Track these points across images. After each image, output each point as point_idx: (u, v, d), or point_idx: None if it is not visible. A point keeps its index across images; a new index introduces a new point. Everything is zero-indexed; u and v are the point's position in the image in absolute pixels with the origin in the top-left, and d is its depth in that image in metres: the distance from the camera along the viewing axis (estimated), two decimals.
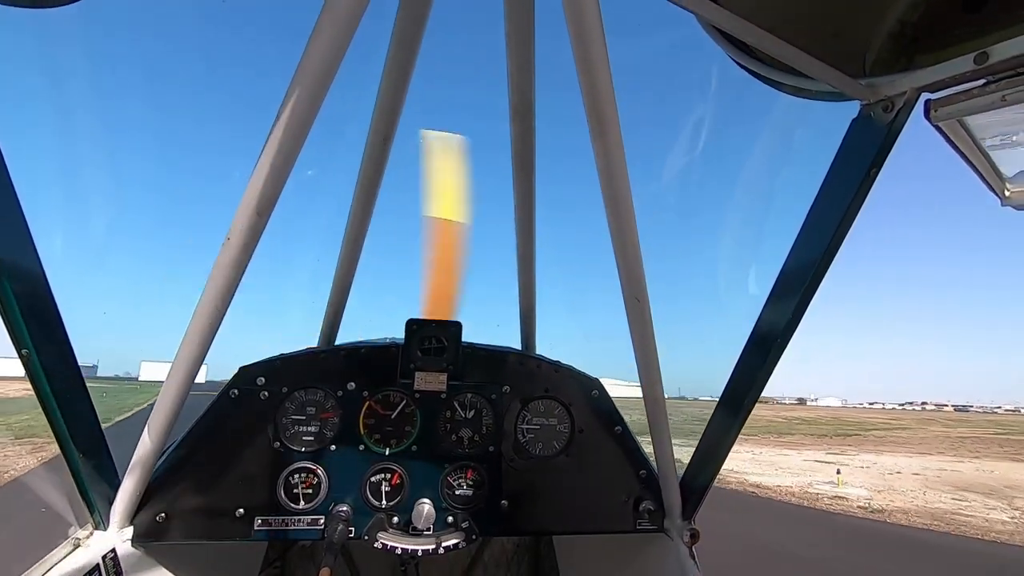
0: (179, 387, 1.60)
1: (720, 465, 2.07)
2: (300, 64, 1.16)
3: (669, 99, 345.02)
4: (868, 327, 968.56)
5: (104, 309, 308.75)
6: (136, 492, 1.75)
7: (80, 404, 1.56)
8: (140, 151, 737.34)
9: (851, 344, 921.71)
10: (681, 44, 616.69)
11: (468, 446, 2.16)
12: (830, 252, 1.63)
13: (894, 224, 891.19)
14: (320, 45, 1.14)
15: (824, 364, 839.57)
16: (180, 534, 1.85)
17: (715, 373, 2.10)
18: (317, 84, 1.18)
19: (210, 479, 1.91)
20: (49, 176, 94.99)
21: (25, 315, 1.33)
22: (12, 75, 13.37)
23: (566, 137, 9.87)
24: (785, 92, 1.73)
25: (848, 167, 1.58)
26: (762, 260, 65.56)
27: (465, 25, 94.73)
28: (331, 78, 1.19)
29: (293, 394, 2.04)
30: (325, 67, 1.16)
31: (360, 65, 1.58)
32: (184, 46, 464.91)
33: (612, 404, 2.32)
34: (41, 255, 1.37)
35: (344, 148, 2.01)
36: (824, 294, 1.68)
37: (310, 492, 1.98)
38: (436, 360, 2.12)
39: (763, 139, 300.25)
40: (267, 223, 1.38)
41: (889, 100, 1.47)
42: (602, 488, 2.23)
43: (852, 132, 1.59)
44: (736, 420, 1.94)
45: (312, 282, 25.16)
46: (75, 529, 1.69)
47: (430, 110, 48.50)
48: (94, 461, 1.64)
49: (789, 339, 1.77)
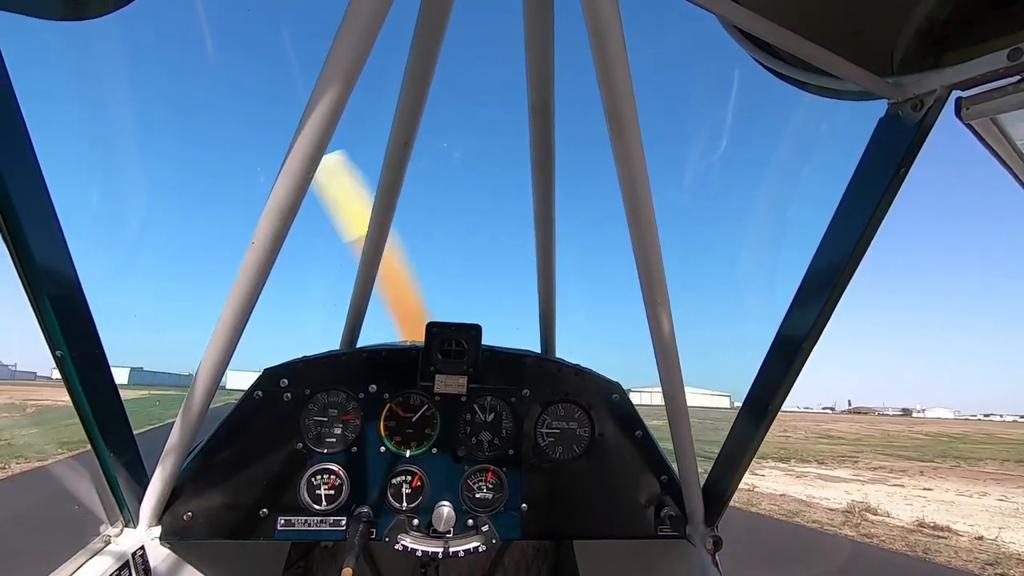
0: (206, 389, 1.64)
1: (744, 471, 2.03)
2: (324, 68, 1.18)
3: (689, 100, 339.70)
4: (985, 326, 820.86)
5: (135, 312, 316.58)
6: (164, 491, 1.80)
7: (111, 405, 1.60)
8: (167, 154, 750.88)
9: (961, 346, 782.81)
10: (702, 44, 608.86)
11: (488, 449, 2.16)
12: (857, 254, 1.59)
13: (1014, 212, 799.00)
14: (343, 49, 1.16)
15: (930, 370, 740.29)
16: (206, 533, 1.89)
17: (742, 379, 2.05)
18: (340, 88, 1.20)
19: (235, 479, 1.95)
20: (80, 179, 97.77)
21: (59, 317, 1.36)
22: (46, 82, 13.97)
23: (588, 141, 9.79)
24: (810, 92, 1.70)
25: (876, 167, 1.55)
26: (786, 263, 64.35)
27: (485, 25, 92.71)
28: (354, 81, 1.21)
29: (316, 396, 2.07)
30: (348, 70, 1.19)
31: (380, 69, 1.60)
32: (210, 52, 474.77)
33: (633, 408, 2.30)
34: (74, 258, 1.41)
35: (366, 151, 2.03)
36: (927, 292, 1.59)
37: (332, 493, 2.00)
38: (456, 363, 2.13)
39: (785, 140, 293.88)
40: (291, 226, 1.41)
41: (918, 98, 1.43)
42: (623, 493, 2.20)
43: (879, 132, 1.55)
44: (760, 426, 1.91)
45: (334, 285, 25.42)
46: (106, 526, 1.73)
47: (452, 112, 47.59)
48: (124, 461, 1.68)
49: (815, 344, 1.73)
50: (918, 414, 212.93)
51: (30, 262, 1.27)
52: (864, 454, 27.97)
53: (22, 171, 1.22)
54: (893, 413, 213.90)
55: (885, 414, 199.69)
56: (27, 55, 1.24)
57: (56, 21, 1.30)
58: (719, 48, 7.97)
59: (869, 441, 38.70)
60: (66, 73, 53.34)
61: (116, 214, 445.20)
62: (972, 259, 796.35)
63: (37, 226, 1.27)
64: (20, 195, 1.20)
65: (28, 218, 1.24)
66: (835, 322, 1.68)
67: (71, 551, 1.58)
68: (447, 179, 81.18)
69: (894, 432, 52.91)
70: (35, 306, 1.33)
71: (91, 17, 1.34)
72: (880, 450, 31.02)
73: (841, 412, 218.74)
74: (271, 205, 1.34)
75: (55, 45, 1.81)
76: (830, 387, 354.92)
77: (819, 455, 25.82)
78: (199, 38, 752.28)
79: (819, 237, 1.72)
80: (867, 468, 21.68)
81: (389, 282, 2.47)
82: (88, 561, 1.59)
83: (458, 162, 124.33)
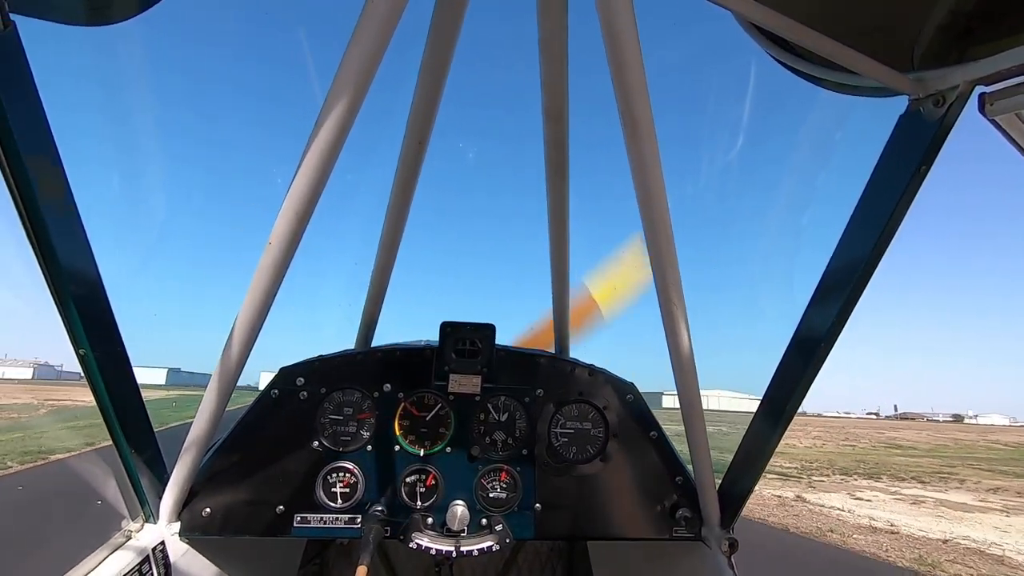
0: (223, 387, 1.66)
1: (760, 473, 2.01)
2: (339, 69, 1.19)
3: (704, 99, 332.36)
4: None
5: (154, 311, 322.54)
6: (183, 488, 1.83)
7: (132, 403, 1.63)
8: (185, 157, 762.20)
9: (1012, 350, 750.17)
10: (717, 42, 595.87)
11: (502, 449, 2.16)
12: (876, 253, 1.57)
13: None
14: (359, 49, 1.17)
15: (984, 373, 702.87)
16: (224, 529, 1.92)
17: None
18: (355, 89, 1.21)
19: (252, 477, 1.97)
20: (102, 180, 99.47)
21: (83, 317, 1.39)
22: (70, 86, 14.12)
23: (602, 140, 9.70)
24: (827, 89, 1.68)
25: (896, 165, 1.52)
26: (802, 263, 63.02)
27: (500, 27, 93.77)
28: (369, 82, 1.22)
29: (331, 394, 2.09)
30: (363, 72, 1.20)
31: (395, 69, 1.61)
32: (227, 55, 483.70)
33: (647, 408, 2.28)
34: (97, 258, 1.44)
35: (380, 152, 2.04)
36: (977, 292, 1.53)
37: (347, 491, 2.02)
38: (470, 363, 2.14)
39: (802, 137, 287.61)
40: (307, 228, 1.43)
41: (940, 94, 1.41)
42: (637, 494, 2.19)
43: (900, 129, 1.53)
44: (777, 426, 1.88)
45: (349, 285, 25.55)
46: (127, 521, 1.77)
47: (466, 114, 47.21)
48: (145, 458, 1.72)
49: (833, 344, 1.71)
50: (970, 420, 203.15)
51: (55, 264, 1.30)
52: (958, 469, 24.61)
53: (48, 173, 1.25)
54: (943, 419, 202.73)
55: (935, 420, 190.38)
56: (52, 60, 1.27)
57: (81, 26, 1.33)
58: (734, 45, 7.81)
59: (946, 452, 35.28)
60: (88, 77, 54.14)
61: (140, 215, 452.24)
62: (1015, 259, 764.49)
63: (61, 229, 1.30)
64: (46, 198, 1.24)
65: (53, 221, 1.27)
66: (870, 326, 1.62)
67: (95, 544, 1.63)
68: (461, 180, 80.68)
69: (968, 441, 49.04)
70: (59, 306, 1.37)
71: (114, 22, 1.37)
72: (972, 464, 27.35)
73: (887, 418, 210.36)
74: (287, 206, 1.35)
75: (79, 50, 1.84)
76: (870, 392, 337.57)
77: (910, 470, 22.94)
78: (217, 40, 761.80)
79: (836, 237, 1.69)
80: (986, 491, 18.27)
81: (576, 315, 2.86)
82: (110, 555, 1.63)
83: (472, 163, 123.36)
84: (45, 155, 1.24)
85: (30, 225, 1.24)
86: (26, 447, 14.38)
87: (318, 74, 1.80)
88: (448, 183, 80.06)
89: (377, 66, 1.21)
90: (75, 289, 1.36)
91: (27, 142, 1.17)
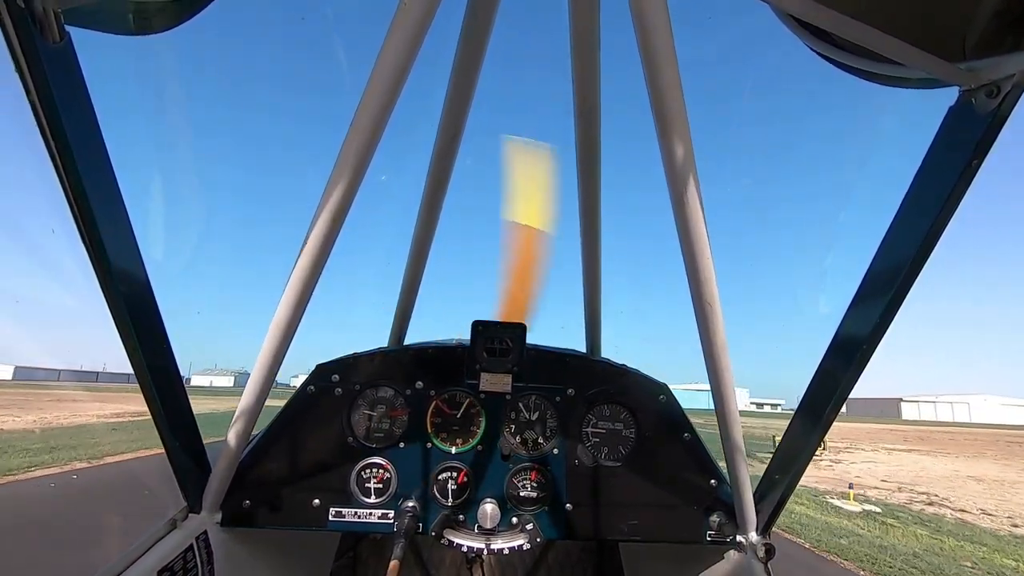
0: (262, 384, 1.71)
1: (798, 478, 1.95)
2: (374, 69, 1.21)
3: (740, 93, 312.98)
4: None
5: (199, 310, 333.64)
6: (224, 480, 1.89)
7: (177, 399, 1.70)
8: (228, 159, 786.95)
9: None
10: (753, 35, 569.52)
11: (532, 448, 2.16)
12: (924, 250, 1.49)
13: None
14: (391, 52, 1.18)
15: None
16: (262, 520, 1.99)
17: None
18: (389, 89, 1.23)
19: (289, 471, 2.03)
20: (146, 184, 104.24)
21: (135, 324, 1.45)
22: (118, 94, 14.75)
23: (633, 138, 9.57)
24: (872, 81, 1.61)
25: (946, 159, 1.45)
26: (844, 261, 59.90)
27: (531, 26, 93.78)
28: (402, 82, 1.24)
29: (365, 391, 2.13)
30: (397, 71, 1.21)
31: (427, 70, 1.62)
32: (267, 61, 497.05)
33: (680, 410, 2.25)
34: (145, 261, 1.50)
35: (413, 152, 2.06)
36: None
37: (380, 487, 2.05)
38: (501, 361, 2.15)
39: (844, 131, 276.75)
40: (341, 228, 1.45)
41: (995, 84, 1.33)
42: (670, 496, 2.16)
43: (949, 121, 1.45)
44: (815, 430, 1.82)
45: (383, 283, 25.91)
46: (173, 511, 1.85)
47: (497, 113, 48.04)
48: (189, 451, 1.78)
49: (876, 345, 1.64)
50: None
51: (108, 273, 1.34)
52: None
53: (101, 181, 1.30)
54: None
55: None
56: (102, 69, 1.32)
57: (128, 36, 1.38)
58: (772, 37, 7.54)
59: None
60: (132, 83, 56.71)
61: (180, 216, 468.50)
62: None
63: (114, 237, 1.34)
64: (100, 206, 1.27)
65: (107, 231, 1.31)
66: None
67: (148, 529, 1.72)
68: (494, 179, 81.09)
69: None
70: (113, 312, 1.42)
71: (158, 31, 1.42)
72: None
73: None
74: (323, 205, 1.38)
75: (125, 59, 1.91)
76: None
77: None
78: (259, 43, 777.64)
79: (875, 237, 1.62)
80: None
81: (520, 263, 2.53)
82: (158, 542, 1.70)
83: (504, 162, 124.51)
84: (99, 163, 1.29)
85: (87, 235, 1.28)
86: None
87: (351, 72, 1.82)
88: (481, 182, 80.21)
89: (410, 66, 1.23)
90: (124, 288, 1.41)
91: (83, 152, 1.21)
